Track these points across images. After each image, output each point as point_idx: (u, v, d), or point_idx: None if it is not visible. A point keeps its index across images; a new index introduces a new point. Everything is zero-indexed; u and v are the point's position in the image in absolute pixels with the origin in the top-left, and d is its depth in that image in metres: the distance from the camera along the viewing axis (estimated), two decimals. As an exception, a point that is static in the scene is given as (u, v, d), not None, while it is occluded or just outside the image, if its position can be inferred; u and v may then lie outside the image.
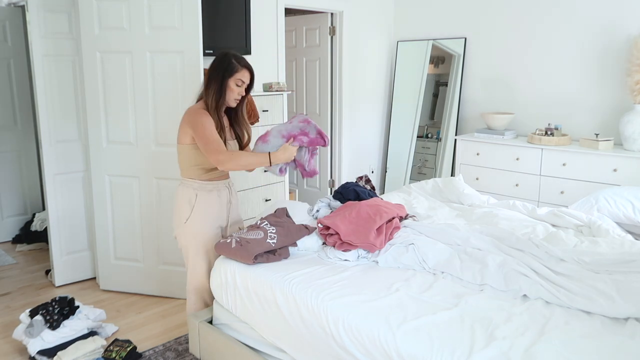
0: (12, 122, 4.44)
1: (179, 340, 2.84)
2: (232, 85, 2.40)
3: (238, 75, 2.39)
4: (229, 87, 2.39)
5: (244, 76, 2.41)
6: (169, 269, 3.33)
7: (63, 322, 2.70)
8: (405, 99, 5.23)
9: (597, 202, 3.03)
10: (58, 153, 3.41)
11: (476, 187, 4.20)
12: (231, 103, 2.45)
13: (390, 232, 2.47)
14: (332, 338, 1.94)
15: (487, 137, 4.36)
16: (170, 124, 3.13)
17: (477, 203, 3.33)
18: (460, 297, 2.00)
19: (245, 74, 2.42)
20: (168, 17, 3.04)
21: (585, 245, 2.52)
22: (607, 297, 1.89)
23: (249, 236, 2.37)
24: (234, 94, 2.42)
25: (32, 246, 4.30)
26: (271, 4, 4.23)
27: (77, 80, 3.42)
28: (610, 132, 4.03)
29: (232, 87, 2.40)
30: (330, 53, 4.95)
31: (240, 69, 2.39)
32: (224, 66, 2.39)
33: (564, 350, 1.62)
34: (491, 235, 2.47)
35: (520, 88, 4.52)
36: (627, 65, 3.83)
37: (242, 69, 2.40)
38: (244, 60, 2.43)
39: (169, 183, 3.21)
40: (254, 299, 2.28)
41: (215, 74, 2.39)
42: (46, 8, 3.24)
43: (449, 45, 4.93)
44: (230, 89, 2.40)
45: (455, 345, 1.68)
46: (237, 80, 2.40)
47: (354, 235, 2.38)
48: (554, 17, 4.25)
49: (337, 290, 2.08)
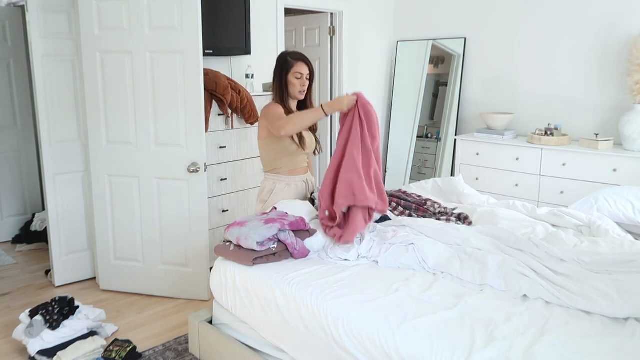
0: (12, 122, 4.44)
1: (179, 340, 2.84)
2: (292, 79, 2.61)
3: (295, 69, 2.60)
4: (289, 82, 2.61)
5: (301, 68, 2.60)
6: (169, 269, 3.33)
7: (63, 322, 2.70)
8: (405, 99, 5.23)
9: (597, 202, 3.03)
10: (58, 153, 3.41)
11: (476, 187, 4.20)
12: (298, 95, 2.65)
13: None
14: (332, 338, 1.94)
15: (487, 137, 4.36)
16: (170, 124, 3.14)
17: (477, 203, 3.33)
18: (460, 297, 2.00)
19: (301, 65, 2.61)
20: (168, 17, 3.04)
21: (585, 245, 2.53)
22: (607, 297, 1.89)
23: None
24: (296, 87, 2.62)
25: (32, 246, 4.30)
26: (271, 4, 4.23)
27: (77, 81, 3.42)
28: (610, 132, 4.03)
29: (293, 81, 2.61)
30: (330, 53, 4.95)
31: (295, 63, 2.60)
32: (281, 64, 2.62)
33: (564, 350, 1.62)
34: (491, 235, 2.47)
35: (520, 88, 4.52)
36: (627, 65, 3.83)
37: (297, 62, 2.60)
38: (297, 54, 2.64)
39: (169, 183, 3.21)
40: (253, 299, 2.28)
41: (276, 73, 2.64)
42: (46, 8, 3.24)
43: (448, 45, 4.93)
44: (292, 84, 2.61)
45: (455, 345, 1.68)
46: (295, 73, 2.60)
47: (343, 198, 2.38)
48: (554, 17, 4.25)
49: (337, 290, 2.08)
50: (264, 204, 2.74)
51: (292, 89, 2.62)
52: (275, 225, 2.35)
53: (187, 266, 3.30)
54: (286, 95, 2.62)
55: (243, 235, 2.33)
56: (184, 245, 3.28)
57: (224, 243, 2.45)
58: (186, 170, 3.15)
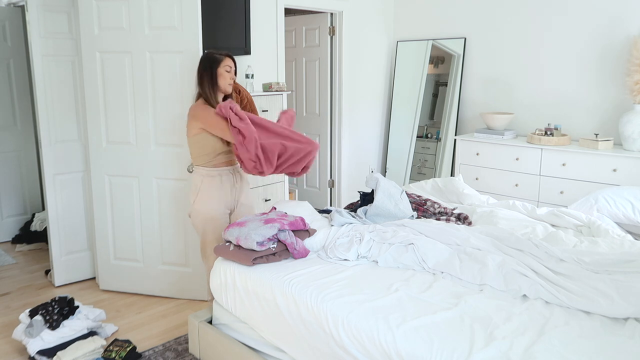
0: (12, 122, 4.44)
1: (179, 340, 2.84)
2: (222, 72, 2.70)
3: (224, 63, 2.70)
4: (220, 74, 2.70)
5: (229, 62, 2.73)
6: (168, 269, 3.33)
7: (63, 322, 2.70)
8: (405, 99, 5.23)
9: (596, 202, 3.04)
10: (57, 153, 3.41)
11: (476, 187, 4.20)
12: (227, 89, 2.75)
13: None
14: (332, 338, 1.94)
15: (487, 137, 4.37)
16: (169, 124, 3.14)
17: (476, 203, 3.33)
18: (460, 297, 2.00)
19: (229, 60, 2.73)
20: (168, 17, 3.04)
21: (585, 245, 2.53)
22: (607, 297, 1.89)
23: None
24: (226, 79, 2.72)
25: (31, 246, 4.29)
26: (271, 4, 4.23)
27: (76, 81, 3.42)
28: (610, 132, 4.03)
29: (223, 73, 2.70)
30: (330, 53, 4.95)
31: (224, 58, 2.71)
32: (210, 60, 2.70)
33: (563, 350, 1.62)
34: (491, 235, 2.47)
35: (520, 88, 4.52)
36: (626, 65, 3.83)
37: (225, 57, 2.72)
38: (223, 51, 2.76)
39: (169, 183, 3.21)
40: (253, 299, 2.28)
41: (204, 69, 2.70)
42: (46, 8, 3.24)
43: (448, 45, 4.93)
44: (222, 76, 2.70)
45: (454, 345, 1.68)
46: (225, 67, 2.70)
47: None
48: (553, 17, 4.25)
49: (337, 290, 2.08)
50: (194, 201, 2.76)
51: (223, 81, 2.71)
52: (275, 225, 2.35)
53: (186, 266, 3.30)
54: (216, 88, 2.70)
55: (243, 235, 2.33)
56: (184, 245, 3.28)
57: (224, 243, 2.45)
58: (186, 170, 3.15)
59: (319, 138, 5.16)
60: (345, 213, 2.81)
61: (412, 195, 3.20)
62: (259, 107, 3.73)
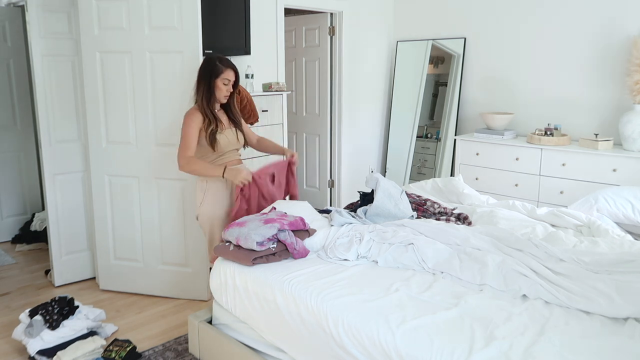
0: (11, 122, 4.44)
1: (179, 340, 2.84)
2: (220, 84, 2.68)
3: (224, 75, 2.67)
4: (217, 86, 2.68)
5: (229, 75, 2.69)
6: (168, 269, 3.33)
7: (62, 322, 2.70)
8: (404, 99, 5.23)
9: (596, 202, 3.04)
10: (58, 153, 3.41)
11: (476, 187, 4.20)
12: (222, 100, 2.74)
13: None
14: (332, 338, 1.94)
15: (487, 137, 4.37)
16: (170, 124, 3.13)
17: (476, 203, 3.33)
18: (460, 297, 2.00)
19: (230, 73, 2.69)
20: (168, 17, 3.04)
21: (585, 245, 2.53)
22: (607, 297, 1.89)
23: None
24: (222, 92, 2.70)
25: (31, 246, 4.29)
26: (271, 4, 4.23)
27: (76, 81, 3.42)
28: (610, 132, 4.04)
29: (220, 86, 2.68)
30: (330, 53, 4.95)
31: (225, 70, 2.67)
32: (210, 69, 2.66)
33: (563, 350, 1.62)
34: (491, 235, 2.47)
35: (520, 88, 4.52)
36: (626, 65, 3.83)
37: (227, 69, 2.68)
38: (227, 61, 2.70)
39: (169, 183, 3.21)
40: (253, 299, 2.28)
41: (203, 76, 2.68)
42: (46, 8, 3.24)
43: (448, 46, 4.93)
44: (219, 88, 2.69)
45: (454, 345, 1.68)
46: (223, 79, 2.68)
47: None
48: (554, 17, 4.25)
49: (337, 290, 2.08)
50: (201, 204, 2.79)
51: (219, 93, 2.69)
52: (274, 225, 2.35)
53: (186, 266, 3.30)
54: (212, 98, 2.68)
55: (242, 235, 2.33)
56: (184, 245, 3.28)
57: (224, 243, 2.45)
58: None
59: (319, 138, 5.16)
60: (345, 213, 2.81)
61: (412, 195, 3.20)
62: (259, 107, 3.73)
